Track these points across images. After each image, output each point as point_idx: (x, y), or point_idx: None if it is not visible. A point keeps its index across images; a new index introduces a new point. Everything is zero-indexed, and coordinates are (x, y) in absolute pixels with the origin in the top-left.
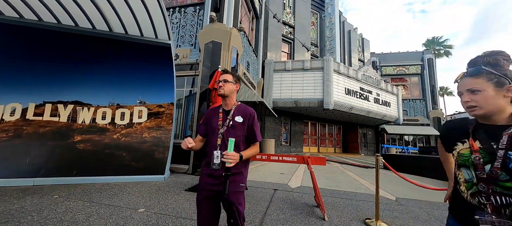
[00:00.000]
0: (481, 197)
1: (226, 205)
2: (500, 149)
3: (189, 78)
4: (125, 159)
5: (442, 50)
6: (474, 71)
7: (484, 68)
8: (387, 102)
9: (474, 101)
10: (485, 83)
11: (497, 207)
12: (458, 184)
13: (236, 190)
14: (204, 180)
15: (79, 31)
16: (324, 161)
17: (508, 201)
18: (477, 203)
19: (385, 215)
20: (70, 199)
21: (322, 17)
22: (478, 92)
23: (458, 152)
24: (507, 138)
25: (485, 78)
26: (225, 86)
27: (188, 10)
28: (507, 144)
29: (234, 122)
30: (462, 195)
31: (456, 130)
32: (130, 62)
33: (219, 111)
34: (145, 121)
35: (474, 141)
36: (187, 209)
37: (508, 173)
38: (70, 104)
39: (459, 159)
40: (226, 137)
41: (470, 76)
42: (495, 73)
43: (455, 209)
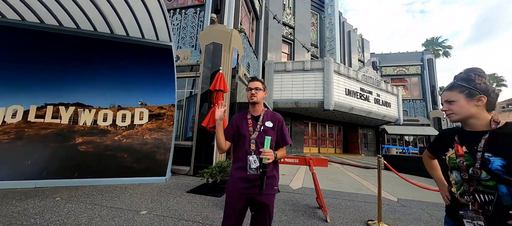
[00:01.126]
0: (468, 196)
1: (259, 207)
2: (478, 151)
3: (190, 79)
4: (126, 161)
5: (441, 50)
6: (450, 85)
7: (457, 83)
8: (387, 103)
9: (450, 109)
10: (458, 95)
11: (482, 204)
12: (450, 186)
13: (270, 192)
14: (237, 184)
15: (81, 33)
16: (326, 163)
17: (490, 198)
18: (465, 202)
19: (387, 217)
20: (72, 202)
21: (322, 17)
22: (453, 102)
23: (449, 157)
24: (484, 141)
25: (458, 90)
26: (258, 94)
27: (189, 12)
28: (484, 147)
29: (265, 127)
30: (454, 195)
31: (447, 137)
32: (131, 64)
33: (247, 117)
34: (146, 123)
35: (460, 147)
36: (189, 211)
37: (488, 173)
38: (72, 106)
39: (450, 162)
40: (259, 142)
41: (447, 90)
42: (466, 86)
43: (449, 208)
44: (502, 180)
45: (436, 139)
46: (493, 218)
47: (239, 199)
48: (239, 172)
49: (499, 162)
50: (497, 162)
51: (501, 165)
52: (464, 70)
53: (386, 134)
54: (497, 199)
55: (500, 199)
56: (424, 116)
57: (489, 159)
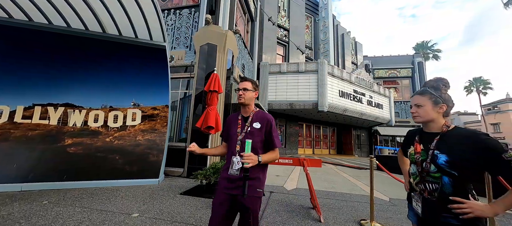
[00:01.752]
0: (421, 185)
1: (243, 209)
2: (430, 149)
3: (184, 80)
4: (118, 163)
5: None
6: (421, 91)
7: (427, 90)
8: (379, 104)
9: (417, 112)
10: (427, 101)
11: (430, 192)
12: (410, 177)
13: (254, 195)
14: (222, 184)
15: (71, 32)
16: (320, 163)
17: (436, 186)
18: (419, 190)
19: (379, 216)
20: (60, 205)
21: (316, 20)
22: (421, 106)
23: (409, 153)
24: (435, 141)
25: (427, 97)
26: (246, 95)
27: (183, 12)
28: (435, 146)
29: (252, 128)
30: (412, 185)
31: (411, 137)
32: (124, 64)
33: (238, 118)
34: (139, 124)
35: (419, 145)
36: (182, 213)
37: (435, 166)
38: (61, 106)
39: (410, 157)
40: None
41: (418, 95)
42: (434, 94)
43: (408, 194)
44: (445, 172)
45: (404, 137)
46: (438, 202)
47: (223, 199)
48: (225, 172)
49: (444, 157)
50: (443, 158)
51: (445, 160)
52: (434, 78)
53: (378, 135)
54: (441, 187)
55: (443, 187)
56: None
57: (437, 155)
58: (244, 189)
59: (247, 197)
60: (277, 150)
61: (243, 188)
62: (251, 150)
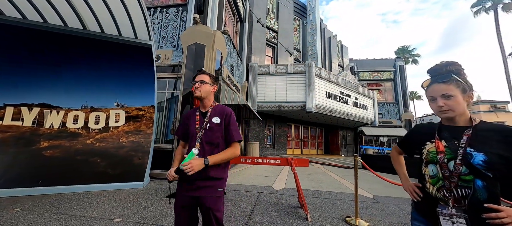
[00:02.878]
0: (445, 191)
1: (203, 209)
2: (461, 147)
3: (171, 80)
4: (99, 166)
5: (411, 58)
6: (445, 77)
7: (454, 76)
8: (364, 106)
9: (447, 105)
10: (455, 90)
11: (458, 199)
12: (423, 180)
13: (214, 195)
14: (181, 186)
15: (48, 28)
16: (307, 163)
17: (467, 192)
18: (442, 196)
19: (364, 213)
20: (34, 212)
21: (304, 23)
22: (451, 97)
23: (427, 151)
24: (466, 138)
25: (454, 85)
26: (202, 88)
27: (171, 11)
28: (466, 143)
29: (211, 124)
30: (427, 190)
31: (423, 133)
32: (106, 63)
33: (196, 114)
34: (123, 125)
35: (439, 141)
36: (168, 217)
37: (468, 167)
38: (36, 106)
39: (428, 156)
40: (205, 140)
41: (442, 83)
42: (460, 81)
43: (420, 203)
44: (481, 175)
45: (410, 134)
46: (469, 212)
47: (185, 202)
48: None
49: (481, 157)
50: (479, 157)
51: (482, 160)
52: (449, 62)
53: (363, 135)
54: (473, 193)
55: (476, 193)
56: (396, 118)
57: (471, 154)
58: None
59: (209, 197)
60: (237, 145)
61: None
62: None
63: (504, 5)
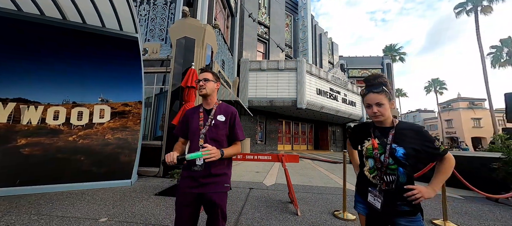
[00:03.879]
0: (378, 178)
1: (209, 205)
2: (388, 144)
3: (160, 75)
4: (83, 164)
5: (397, 56)
6: (379, 89)
7: (384, 88)
8: (353, 102)
9: (379, 111)
10: (385, 99)
11: (388, 183)
12: (363, 169)
13: (221, 191)
14: (184, 183)
15: (23, 17)
16: (297, 159)
17: (393, 178)
18: (376, 182)
19: (351, 206)
20: (11, 213)
21: (296, 19)
22: (382, 105)
23: (366, 148)
24: (391, 136)
25: (384, 95)
26: (207, 85)
27: (158, 3)
28: (392, 140)
29: (216, 121)
30: (367, 177)
31: (362, 131)
32: (89, 56)
33: (199, 110)
34: (108, 121)
35: (374, 140)
36: (156, 215)
37: (393, 159)
38: (11, 101)
39: (367, 152)
40: (209, 137)
41: (377, 93)
42: (388, 91)
43: (360, 187)
44: (402, 164)
45: (354, 132)
46: (394, 192)
47: (188, 199)
48: (186, 170)
49: (402, 150)
50: (400, 151)
51: (402, 153)
52: (377, 74)
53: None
54: (397, 178)
55: (399, 178)
56: None
57: (395, 149)
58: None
59: (215, 193)
60: (240, 143)
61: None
62: (215, 143)
63: (483, 8)
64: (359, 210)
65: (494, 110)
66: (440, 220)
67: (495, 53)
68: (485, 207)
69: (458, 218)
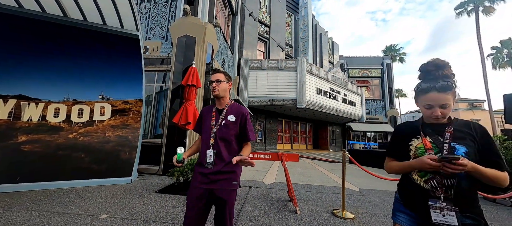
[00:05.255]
0: (433, 182)
1: (218, 201)
2: (445, 143)
3: (160, 73)
4: (84, 161)
5: (397, 56)
6: (447, 88)
7: (453, 85)
8: (353, 102)
9: (443, 114)
10: (452, 99)
11: (445, 189)
12: (410, 174)
13: (229, 188)
14: (195, 179)
15: (24, 14)
16: (297, 158)
17: (452, 182)
18: (429, 188)
19: (350, 205)
20: (12, 210)
21: (297, 19)
22: (447, 106)
23: (415, 147)
24: (449, 134)
25: (452, 94)
26: (220, 87)
27: (159, 1)
28: (450, 138)
29: (227, 121)
30: (416, 182)
31: (408, 129)
32: (90, 54)
33: (212, 110)
34: (109, 119)
35: (425, 138)
36: (157, 212)
37: None
38: (12, 98)
39: (417, 152)
40: (219, 136)
41: (442, 92)
42: (454, 87)
43: (407, 196)
44: None
45: (395, 137)
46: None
47: (199, 194)
48: (198, 167)
49: (463, 149)
50: (461, 149)
51: (464, 152)
52: (442, 62)
53: (351, 131)
54: (457, 182)
55: (460, 182)
56: (383, 114)
57: (455, 147)
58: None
59: (223, 190)
60: (250, 144)
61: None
62: (224, 142)
63: (484, 8)
64: (400, 221)
65: (493, 111)
66: None
67: (495, 54)
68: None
69: None
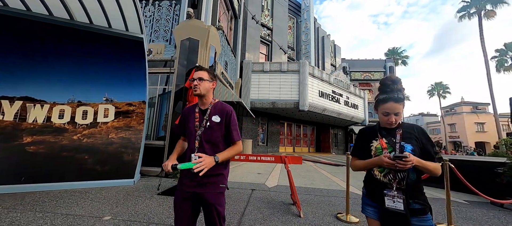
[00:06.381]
0: (390, 176)
1: (205, 205)
2: (397, 143)
3: (163, 75)
4: (87, 163)
5: (400, 59)
6: (399, 99)
7: (402, 97)
8: (355, 105)
9: (396, 120)
10: (402, 108)
11: (399, 181)
12: (371, 170)
13: (216, 191)
14: (181, 182)
15: (31, 17)
16: (300, 160)
17: (404, 175)
18: (387, 181)
19: (354, 209)
20: (16, 210)
21: (299, 22)
22: (399, 114)
23: (375, 147)
24: (399, 135)
25: (402, 104)
26: (201, 85)
27: (163, 4)
28: (400, 139)
29: (211, 122)
30: (376, 177)
31: (370, 134)
32: (95, 56)
33: (195, 110)
34: (112, 121)
35: (382, 139)
36: (159, 214)
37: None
38: (18, 100)
39: (377, 152)
40: (204, 139)
41: (397, 102)
42: (403, 98)
43: (370, 189)
44: None
45: (359, 138)
46: (406, 190)
47: (185, 197)
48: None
49: (410, 147)
50: (408, 147)
51: (410, 149)
52: (395, 78)
53: (353, 134)
54: (407, 174)
55: (409, 174)
56: None
57: (404, 146)
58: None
59: (210, 193)
60: (239, 143)
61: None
62: (210, 145)
63: (486, 12)
64: (368, 213)
65: (498, 114)
66: (445, 225)
67: (499, 57)
68: (490, 212)
69: (463, 223)
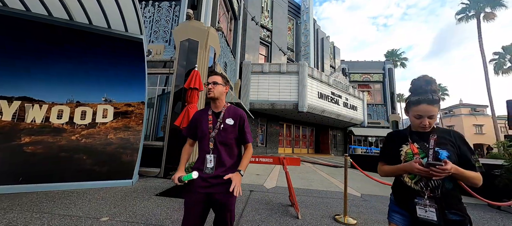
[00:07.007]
0: (421, 184)
1: (217, 206)
2: (430, 148)
3: (163, 76)
4: (85, 163)
5: (399, 61)
6: (434, 101)
7: (437, 99)
8: (354, 106)
9: (430, 123)
10: (437, 110)
11: (432, 189)
12: (401, 177)
13: (228, 192)
14: (195, 183)
15: (30, 17)
16: (298, 162)
17: (438, 183)
18: (419, 189)
19: (352, 211)
20: (14, 211)
21: (298, 23)
22: (434, 116)
23: (405, 152)
24: (433, 141)
25: (437, 106)
26: (215, 89)
27: (163, 5)
28: (434, 144)
29: (225, 125)
30: (407, 184)
31: (400, 137)
32: (94, 56)
33: (208, 113)
34: (111, 121)
35: (413, 145)
36: (157, 215)
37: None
38: (16, 100)
39: (406, 157)
40: (218, 140)
41: (431, 104)
42: (439, 100)
43: (399, 196)
44: None
45: (387, 143)
46: (441, 199)
47: (197, 198)
48: (198, 171)
49: (445, 153)
50: (444, 154)
51: (446, 156)
52: (429, 79)
53: (353, 135)
54: (442, 183)
55: (444, 183)
56: (384, 119)
57: (438, 152)
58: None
59: (222, 194)
60: (250, 145)
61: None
62: (224, 146)
63: (485, 14)
64: (395, 221)
65: (496, 116)
66: None
67: (497, 59)
68: (487, 214)
69: None
